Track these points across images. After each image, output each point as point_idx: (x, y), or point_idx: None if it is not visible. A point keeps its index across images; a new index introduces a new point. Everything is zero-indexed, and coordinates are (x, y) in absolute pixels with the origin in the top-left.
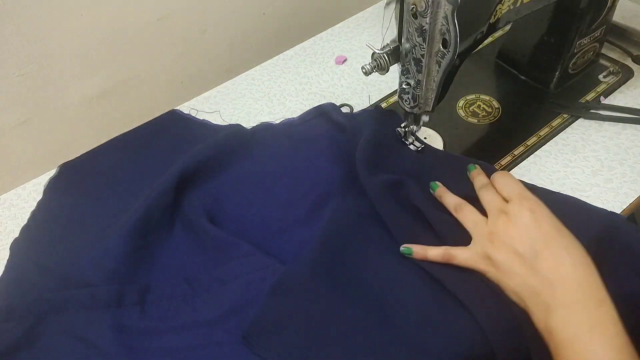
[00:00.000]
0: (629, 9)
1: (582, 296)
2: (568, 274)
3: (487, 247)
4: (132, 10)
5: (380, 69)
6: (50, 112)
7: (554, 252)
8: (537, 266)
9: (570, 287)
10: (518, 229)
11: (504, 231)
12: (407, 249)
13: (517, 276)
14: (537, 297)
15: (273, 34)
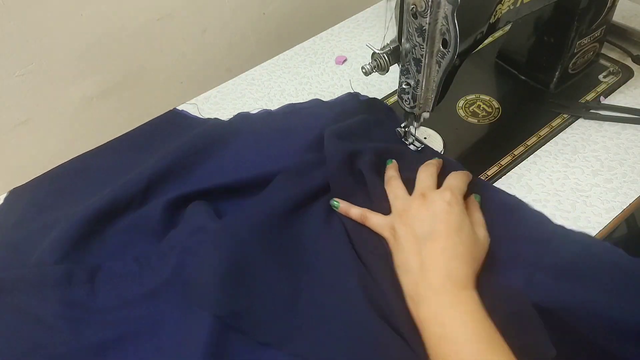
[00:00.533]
0: (629, 9)
1: (448, 283)
2: (442, 263)
3: (396, 219)
4: (132, 10)
5: (380, 69)
6: (50, 112)
7: (443, 244)
8: (422, 249)
9: (440, 273)
10: (426, 213)
11: (415, 211)
12: (336, 202)
13: (403, 252)
14: (412, 276)
15: (273, 34)
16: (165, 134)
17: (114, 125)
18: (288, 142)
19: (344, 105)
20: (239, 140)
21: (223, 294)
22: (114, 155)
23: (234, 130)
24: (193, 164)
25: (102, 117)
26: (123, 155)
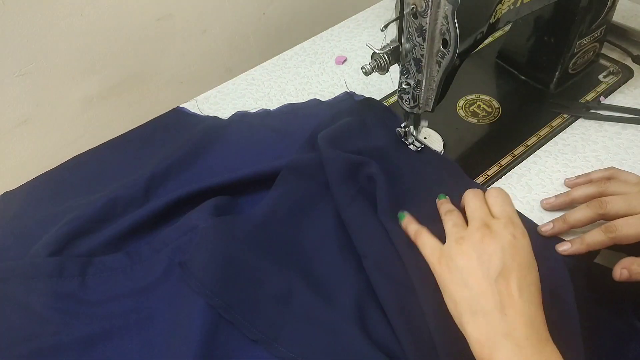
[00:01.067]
0: (629, 9)
1: (530, 332)
2: (523, 308)
3: (453, 248)
4: (132, 10)
5: (380, 69)
6: (50, 112)
7: (518, 283)
8: (496, 289)
9: (523, 321)
10: (494, 245)
11: (479, 241)
12: (402, 214)
13: (467, 289)
14: (482, 318)
15: (273, 34)
16: (167, 133)
17: (114, 125)
18: (286, 142)
19: (340, 104)
20: (238, 141)
21: (217, 285)
22: (114, 153)
23: (232, 130)
24: (192, 164)
25: (102, 117)
26: (123, 153)
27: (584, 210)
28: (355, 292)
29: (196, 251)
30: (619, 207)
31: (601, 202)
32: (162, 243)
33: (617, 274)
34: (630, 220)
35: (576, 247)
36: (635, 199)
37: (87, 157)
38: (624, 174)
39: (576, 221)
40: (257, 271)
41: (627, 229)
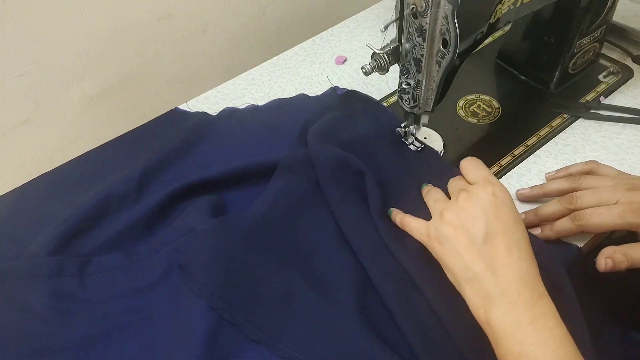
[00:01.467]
0: (629, 9)
1: (524, 289)
2: (514, 266)
3: (439, 223)
4: (132, 10)
5: (380, 69)
6: (50, 112)
7: (505, 242)
8: (484, 252)
9: (513, 278)
10: (475, 208)
11: (461, 208)
12: (390, 210)
13: (460, 257)
14: (477, 283)
15: (273, 34)
16: (164, 132)
17: (114, 125)
18: (276, 137)
19: (327, 99)
20: (227, 136)
21: (217, 286)
22: (113, 152)
23: (222, 126)
24: (183, 158)
25: (102, 117)
26: (121, 153)
27: (555, 204)
28: (356, 287)
29: (195, 253)
30: (588, 201)
31: (572, 197)
32: (161, 243)
33: (601, 264)
34: (598, 209)
35: (545, 233)
36: (606, 192)
37: (81, 158)
38: (603, 168)
39: (547, 215)
40: (257, 271)
41: (594, 217)
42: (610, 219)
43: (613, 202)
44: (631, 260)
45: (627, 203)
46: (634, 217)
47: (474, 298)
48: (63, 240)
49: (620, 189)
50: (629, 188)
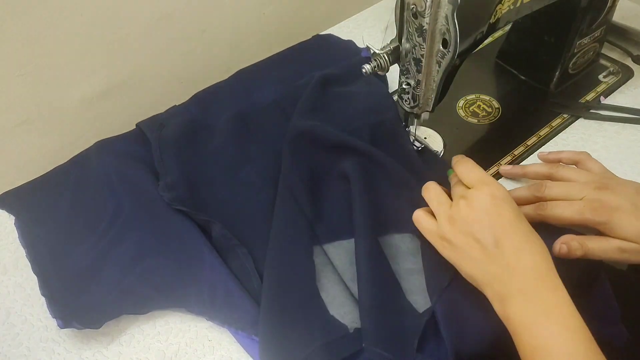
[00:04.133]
0: (629, 9)
1: (538, 283)
2: (526, 262)
3: (447, 229)
4: (132, 10)
5: (380, 69)
6: (50, 112)
7: (513, 240)
8: (497, 254)
9: (528, 274)
10: (477, 214)
11: (465, 216)
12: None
13: (475, 262)
14: (495, 284)
15: (273, 34)
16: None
17: (114, 125)
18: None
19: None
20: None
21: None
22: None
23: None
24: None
25: (102, 117)
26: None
27: (525, 190)
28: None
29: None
30: (555, 193)
31: (541, 185)
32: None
33: (556, 249)
34: (561, 203)
35: None
36: (575, 187)
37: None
38: (590, 162)
39: (515, 199)
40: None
41: (554, 209)
42: (569, 214)
43: (579, 198)
44: (586, 249)
45: (590, 200)
46: (592, 215)
47: (494, 297)
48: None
49: (590, 187)
50: (598, 187)
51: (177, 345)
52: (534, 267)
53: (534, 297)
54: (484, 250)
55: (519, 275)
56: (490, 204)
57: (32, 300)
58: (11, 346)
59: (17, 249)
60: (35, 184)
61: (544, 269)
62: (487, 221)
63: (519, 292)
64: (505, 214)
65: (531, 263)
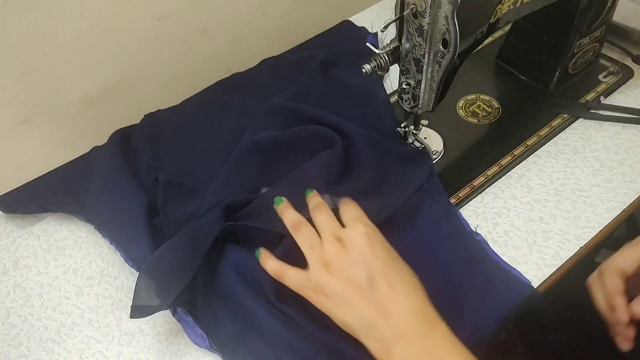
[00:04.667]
0: (629, 9)
1: (416, 323)
2: (401, 302)
3: (322, 275)
4: (132, 10)
5: (380, 69)
6: (50, 112)
7: (389, 281)
8: (373, 296)
9: (405, 315)
10: (352, 255)
11: (339, 258)
12: (258, 251)
13: (352, 309)
14: (373, 330)
15: (273, 34)
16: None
17: (114, 125)
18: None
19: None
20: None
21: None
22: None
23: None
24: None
25: (102, 117)
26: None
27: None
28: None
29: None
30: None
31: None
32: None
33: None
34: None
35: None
36: None
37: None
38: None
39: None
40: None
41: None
42: None
43: None
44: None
45: None
46: None
47: (373, 345)
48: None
49: None
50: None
51: (177, 345)
52: (410, 307)
53: (415, 339)
54: (360, 293)
55: (396, 317)
56: (365, 244)
57: (32, 300)
58: (11, 346)
59: (17, 249)
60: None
61: (419, 307)
62: (361, 262)
63: (399, 336)
64: (380, 254)
65: (405, 302)
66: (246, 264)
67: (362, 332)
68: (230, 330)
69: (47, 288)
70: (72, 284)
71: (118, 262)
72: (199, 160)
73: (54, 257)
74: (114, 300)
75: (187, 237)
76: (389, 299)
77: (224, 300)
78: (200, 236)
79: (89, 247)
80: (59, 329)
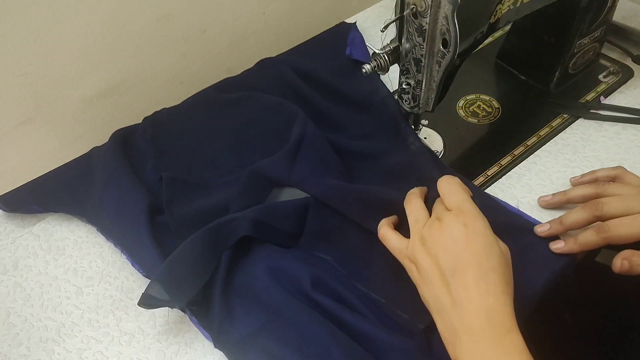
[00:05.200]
0: (629, 9)
1: (489, 325)
2: (477, 300)
3: (418, 248)
4: (132, 10)
5: (380, 69)
6: (50, 112)
7: (471, 276)
8: (452, 285)
9: (477, 314)
10: (446, 240)
11: (435, 238)
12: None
13: (433, 287)
14: (446, 315)
15: (273, 34)
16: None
17: (114, 125)
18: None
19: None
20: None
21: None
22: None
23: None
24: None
25: (102, 117)
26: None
27: (580, 212)
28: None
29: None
30: (615, 208)
31: (597, 203)
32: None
33: (617, 265)
34: (624, 220)
35: (569, 246)
36: (633, 200)
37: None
38: (630, 175)
39: (572, 223)
40: None
41: (619, 229)
42: (638, 230)
43: (639, 210)
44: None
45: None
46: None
47: (444, 331)
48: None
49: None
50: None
51: (177, 345)
52: (487, 308)
53: (482, 339)
54: (441, 277)
55: (468, 313)
56: (462, 232)
57: (32, 300)
58: (11, 346)
59: (17, 249)
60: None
61: (497, 311)
62: (452, 249)
63: (467, 331)
64: (474, 247)
65: (484, 303)
66: (275, 258)
67: (437, 313)
68: (248, 328)
69: (47, 288)
70: (72, 284)
71: (118, 262)
72: (202, 158)
73: (54, 257)
74: (114, 300)
75: (203, 240)
76: (465, 293)
77: (242, 297)
78: (218, 240)
79: (89, 247)
80: (59, 329)
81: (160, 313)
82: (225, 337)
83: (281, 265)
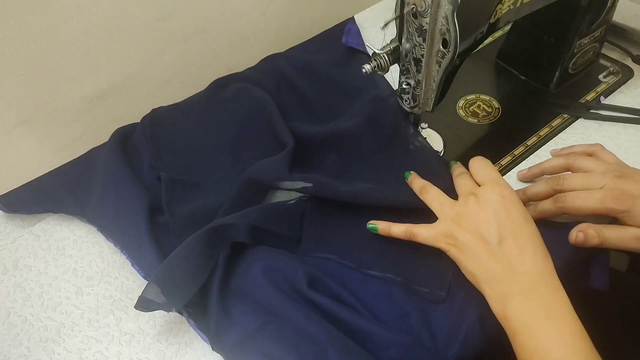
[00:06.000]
0: (629, 9)
1: (539, 285)
2: (528, 263)
3: (452, 227)
4: (132, 10)
5: (380, 69)
6: (50, 112)
7: (518, 241)
8: (500, 253)
9: (529, 276)
10: (486, 212)
11: (472, 213)
12: (373, 226)
13: (478, 260)
14: (495, 283)
15: (273, 34)
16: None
17: (114, 125)
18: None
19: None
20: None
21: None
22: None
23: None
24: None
25: (102, 117)
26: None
27: (542, 184)
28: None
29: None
30: (575, 184)
31: (559, 178)
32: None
33: (572, 236)
34: (580, 193)
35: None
36: (594, 177)
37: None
38: (605, 153)
39: (533, 194)
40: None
41: (575, 201)
42: (590, 203)
43: (599, 187)
44: (604, 238)
45: (611, 189)
46: (614, 204)
47: (493, 296)
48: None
49: (610, 175)
50: (617, 175)
51: (177, 345)
52: (535, 269)
53: (534, 298)
54: (487, 248)
55: (520, 276)
56: (500, 203)
57: (32, 300)
58: (11, 346)
59: (17, 249)
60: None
61: (545, 272)
62: (494, 220)
63: (520, 292)
64: (513, 215)
65: (532, 265)
66: (270, 258)
67: (484, 282)
68: (245, 330)
69: (47, 288)
70: (72, 284)
71: (118, 262)
72: (200, 157)
73: (54, 257)
74: (114, 300)
75: (199, 243)
76: (516, 258)
77: (239, 298)
78: (214, 242)
79: (89, 247)
80: (59, 329)
81: (160, 313)
82: (223, 340)
83: (277, 265)
